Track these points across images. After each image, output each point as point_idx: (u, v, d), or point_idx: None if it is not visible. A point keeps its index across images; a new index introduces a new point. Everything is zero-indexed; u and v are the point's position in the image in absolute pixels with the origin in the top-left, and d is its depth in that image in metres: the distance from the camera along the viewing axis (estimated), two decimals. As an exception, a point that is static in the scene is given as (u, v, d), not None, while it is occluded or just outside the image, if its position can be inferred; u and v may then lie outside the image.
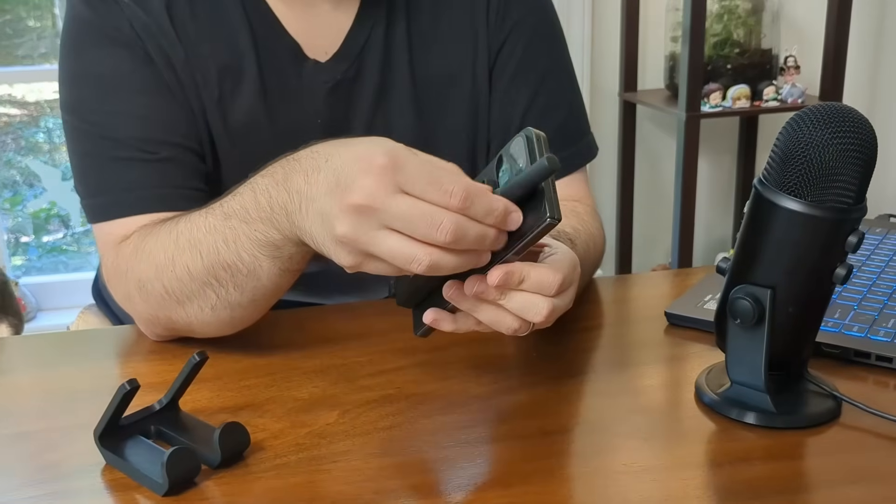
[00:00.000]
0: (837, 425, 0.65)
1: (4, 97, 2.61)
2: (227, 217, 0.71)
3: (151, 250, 0.76)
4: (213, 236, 0.71)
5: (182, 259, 0.73)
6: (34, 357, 0.83)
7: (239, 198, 0.70)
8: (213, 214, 0.72)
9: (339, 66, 0.88)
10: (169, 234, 0.75)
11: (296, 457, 0.62)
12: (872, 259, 0.92)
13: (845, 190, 0.59)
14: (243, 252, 0.70)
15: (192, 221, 0.74)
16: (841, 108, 0.59)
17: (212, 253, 0.71)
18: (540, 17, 0.94)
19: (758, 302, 0.63)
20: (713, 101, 2.11)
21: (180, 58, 0.84)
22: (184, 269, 0.73)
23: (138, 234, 0.79)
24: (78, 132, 0.84)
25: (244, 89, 0.86)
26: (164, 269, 0.74)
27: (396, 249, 0.58)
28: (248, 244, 0.70)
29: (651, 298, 0.90)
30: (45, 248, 2.63)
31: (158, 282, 0.75)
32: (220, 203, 0.72)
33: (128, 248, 0.79)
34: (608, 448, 0.63)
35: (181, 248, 0.73)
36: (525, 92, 0.92)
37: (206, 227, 0.72)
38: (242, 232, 0.69)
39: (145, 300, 0.77)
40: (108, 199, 0.83)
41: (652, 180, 2.43)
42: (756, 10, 2.21)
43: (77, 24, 0.84)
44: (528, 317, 0.61)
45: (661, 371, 0.75)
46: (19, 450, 0.65)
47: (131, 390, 0.59)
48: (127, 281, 0.79)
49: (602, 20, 2.29)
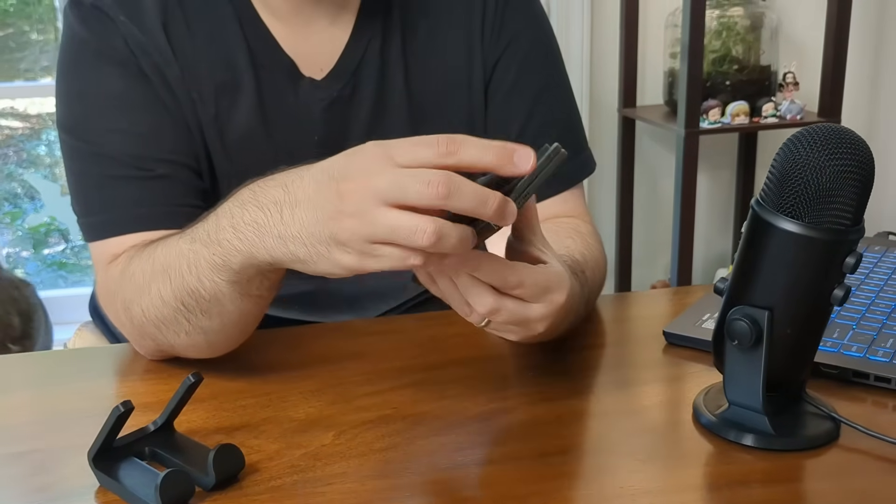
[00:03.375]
0: (836, 447, 0.64)
1: (6, 110, 2.62)
2: (192, 241, 0.69)
3: (133, 273, 0.75)
4: (180, 261, 0.70)
5: (156, 284, 0.72)
6: (29, 376, 0.82)
7: (203, 222, 0.69)
8: (183, 239, 0.71)
9: (335, 84, 0.88)
10: (148, 257, 0.74)
11: (290, 479, 0.61)
12: (871, 277, 0.92)
13: (843, 211, 0.59)
14: (203, 277, 0.68)
15: (168, 245, 0.73)
16: (837, 129, 0.59)
17: (177, 278, 0.70)
18: (536, 32, 0.95)
19: (755, 323, 0.62)
20: (712, 117, 2.11)
21: (176, 75, 0.84)
22: (157, 294, 0.72)
23: (127, 254, 0.79)
24: (73, 151, 0.84)
25: (241, 106, 0.86)
26: (142, 293, 0.74)
27: (399, 222, 0.55)
28: (206, 268, 0.68)
29: (649, 317, 0.90)
30: (46, 261, 2.63)
31: (137, 306, 0.74)
32: (192, 227, 0.71)
33: (116, 269, 0.79)
34: (606, 470, 0.63)
35: (156, 272, 0.72)
36: (521, 107, 0.92)
37: (176, 252, 0.71)
38: (202, 256, 0.68)
39: (130, 321, 0.77)
40: (102, 217, 0.82)
41: (651, 196, 2.43)
42: (755, 27, 2.22)
43: (73, 43, 0.85)
44: (471, 302, 0.61)
45: (659, 391, 0.75)
46: (13, 471, 0.64)
47: (125, 412, 0.59)
48: (115, 301, 0.79)
49: (601, 36, 2.30)
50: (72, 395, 0.76)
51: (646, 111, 2.27)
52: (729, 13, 2.20)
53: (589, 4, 2.25)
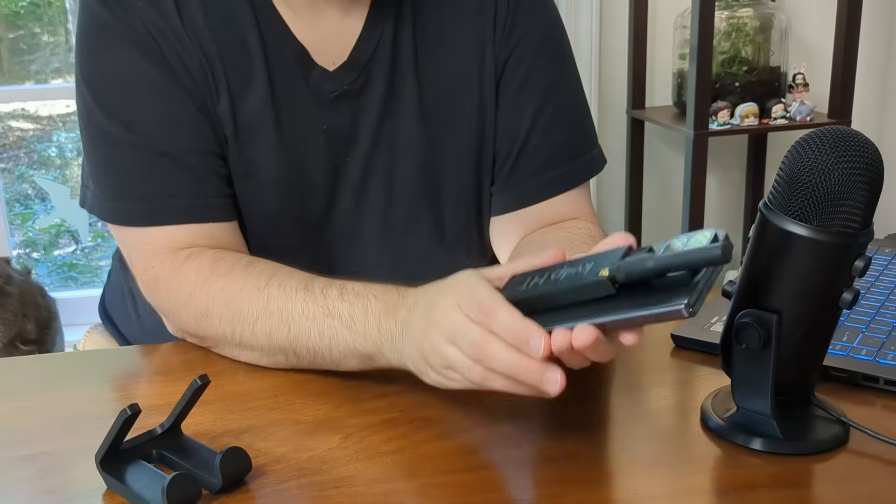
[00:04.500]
0: (845, 451, 0.64)
1: (17, 112, 2.63)
2: (329, 315, 0.72)
3: (232, 294, 0.77)
4: (310, 323, 0.73)
5: (267, 322, 0.75)
6: (37, 378, 0.82)
7: (348, 305, 0.72)
8: (313, 301, 0.74)
9: (346, 76, 0.88)
10: (259, 290, 0.76)
11: (297, 482, 0.61)
12: (881, 280, 0.91)
13: (852, 214, 0.59)
14: (336, 350, 0.72)
15: (287, 293, 0.75)
16: (846, 131, 0.59)
17: (302, 334, 0.73)
18: (548, 28, 0.94)
19: (764, 327, 0.62)
20: (721, 118, 2.11)
21: (194, 61, 0.84)
22: (264, 331, 0.75)
23: (210, 260, 0.80)
24: (103, 132, 0.84)
25: (253, 92, 0.86)
26: (242, 319, 0.76)
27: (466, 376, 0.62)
28: (343, 347, 0.72)
29: (657, 320, 0.89)
30: (56, 262, 2.64)
31: (230, 325, 0.76)
32: (323, 293, 0.74)
33: (190, 271, 0.80)
34: (613, 474, 0.63)
35: (270, 312, 0.75)
36: (532, 104, 0.92)
37: (302, 309, 0.74)
38: (342, 336, 0.72)
39: (198, 325, 0.78)
40: (142, 205, 0.83)
41: (660, 198, 2.43)
42: (764, 28, 2.21)
43: (93, 24, 0.84)
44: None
45: (666, 395, 0.74)
46: (22, 474, 0.65)
47: (132, 415, 0.59)
48: (185, 301, 0.80)
49: (610, 37, 2.29)
50: (80, 398, 0.76)
51: (655, 112, 2.27)
52: (738, 14, 2.19)
53: (598, 5, 2.25)
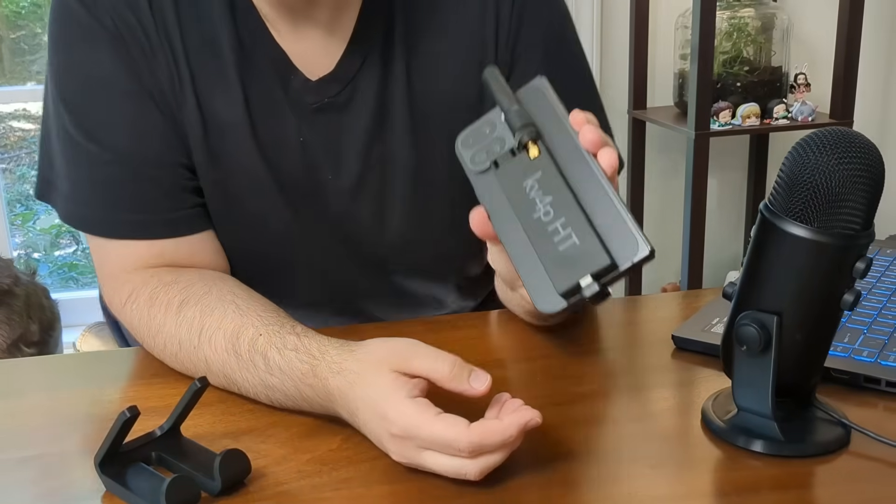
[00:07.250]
0: (846, 453, 0.64)
1: (18, 112, 2.63)
2: (266, 388, 0.70)
3: (175, 353, 0.77)
4: (255, 389, 0.71)
5: (216, 380, 0.73)
6: (36, 380, 0.82)
7: (278, 381, 0.69)
8: (247, 370, 0.71)
9: (329, 88, 0.85)
10: (195, 349, 0.74)
11: (297, 484, 0.61)
12: (882, 282, 0.91)
13: (852, 216, 0.58)
14: (289, 405, 0.70)
15: (219, 355, 0.73)
16: (847, 132, 0.59)
17: (251, 393, 0.72)
18: (556, 34, 0.91)
19: (764, 328, 0.62)
20: (723, 119, 2.10)
21: (160, 59, 0.81)
22: (218, 384, 0.74)
23: (146, 304, 0.79)
24: (68, 134, 0.82)
25: (222, 94, 0.83)
26: (196, 371, 0.75)
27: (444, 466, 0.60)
28: (293, 404, 0.70)
29: (658, 321, 0.89)
30: (57, 263, 2.64)
31: (198, 352, 0.75)
32: (252, 361, 0.71)
33: (133, 314, 0.80)
34: (614, 476, 0.63)
35: (214, 374, 0.73)
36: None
37: (243, 377, 0.71)
38: (288, 398, 0.70)
39: (165, 350, 0.78)
40: (93, 213, 0.82)
41: (661, 198, 2.42)
42: (766, 28, 2.21)
43: (62, 11, 0.82)
44: None
45: (667, 396, 0.74)
46: (20, 476, 0.64)
47: (131, 417, 0.59)
48: (139, 337, 0.81)
49: (611, 38, 2.29)
50: (79, 400, 0.76)
51: (656, 113, 2.27)
52: (739, 14, 2.19)
53: (599, 6, 2.25)
